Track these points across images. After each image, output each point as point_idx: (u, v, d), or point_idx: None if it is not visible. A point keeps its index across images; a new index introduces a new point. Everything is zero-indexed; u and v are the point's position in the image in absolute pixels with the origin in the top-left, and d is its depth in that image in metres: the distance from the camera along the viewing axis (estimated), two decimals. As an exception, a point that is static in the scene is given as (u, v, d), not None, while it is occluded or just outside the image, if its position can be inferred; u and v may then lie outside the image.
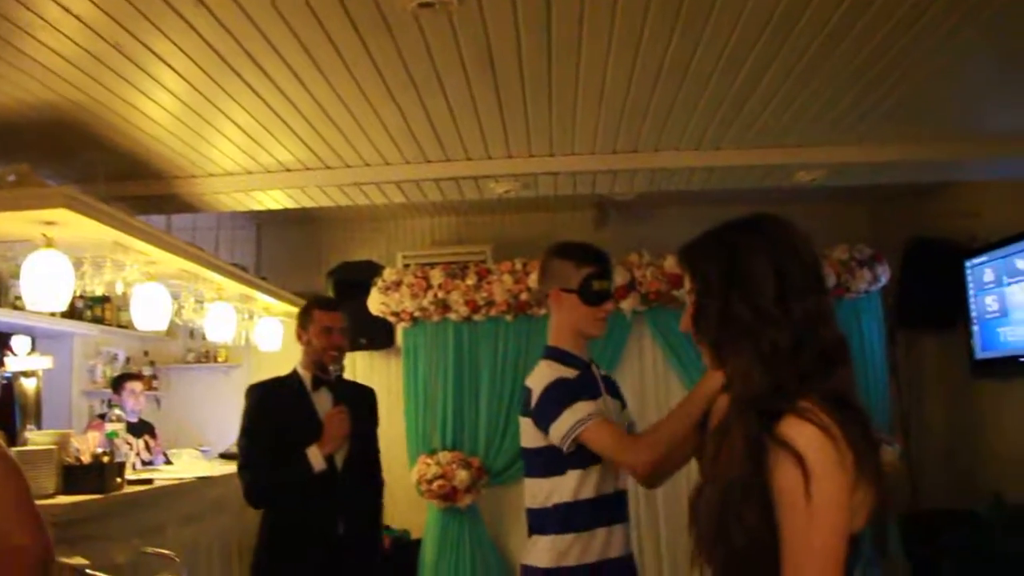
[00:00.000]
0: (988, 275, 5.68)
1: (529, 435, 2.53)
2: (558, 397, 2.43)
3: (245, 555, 4.50)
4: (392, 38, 2.92)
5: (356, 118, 3.66)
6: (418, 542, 5.65)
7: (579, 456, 2.43)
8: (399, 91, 3.40)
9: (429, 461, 5.41)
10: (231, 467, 4.78)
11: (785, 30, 2.98)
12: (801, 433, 1.36)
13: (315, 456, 3.31)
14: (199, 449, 5.63)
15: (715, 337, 1.55)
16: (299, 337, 3.55)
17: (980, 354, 5.82)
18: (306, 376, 3.50)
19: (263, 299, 5.59)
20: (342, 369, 3.52)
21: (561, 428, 2.39)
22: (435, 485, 5.33)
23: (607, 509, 2.51)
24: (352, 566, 3.41)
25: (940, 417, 6.39)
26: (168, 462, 5.30)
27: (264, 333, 5.89)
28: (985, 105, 3.89)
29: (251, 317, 5.73)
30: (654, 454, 2.25)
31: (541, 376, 2.51)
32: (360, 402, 3.61)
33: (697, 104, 3.65)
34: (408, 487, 5.53)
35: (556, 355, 2.57)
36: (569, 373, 2.51)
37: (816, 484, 1.32)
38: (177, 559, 3.29)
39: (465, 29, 2.88)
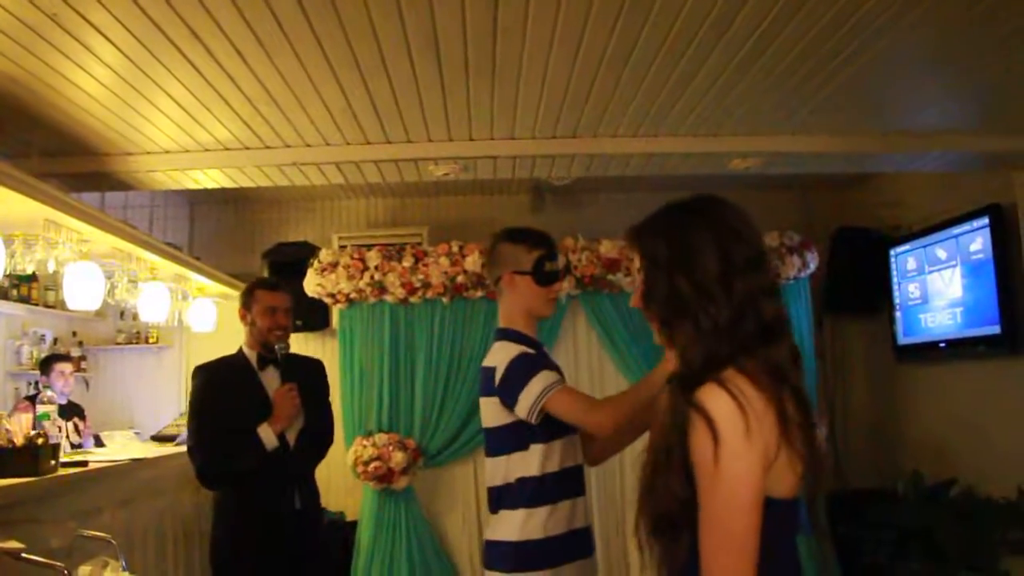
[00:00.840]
0: (911, 263, 5.89)
1: (491, 414, 2.61)
2: (524, 369, 2.50)
3: (180, 538, 4.47)
4: (337, 16, 2.90)
5: (297, 97, 3.63)
6: (354, 524, 5.65)
7: (543, 430, 2.51)
8: (342, 71, 3.38)
9: (365, 443, 5.41)
10: (165, 449, 4.74)
11: (722, 25, 3.06)
12: (714, 399, 1.43)
13: (267, 434, 3.37)
14: (132, 431, 5.55)
15: (663, 314, 1.62)
16: (243, 317, 3.61)
17: (902, 339, 6.04)
18: (252, 355, 3.57)
19: (197, 279, 5.52)
20: (287, 347, 3.59)
21: (529, 397, 2.45)
22: (371, 467, 5.33)
23: (571, 482, 2.60)
24: (310, 539, 3.51)
25: (864, 400, 6.62)
26: (99, 444, 5.21)
27: (198, 314, 5.81)
28: (909, 102, 4.02)
29: (184, 298, 5.65)
30: (616, 416, 2.37)
31: (503, 354, 2.57)
32: (310, 375, 3.69)
33: (637, 92, 3.71)
34: (344, 469, 5.52)
35: (511, 336, 2.64)
36: (529, 350, 2.58)
37: (723, 450, 1.39)
38: (113, 542, 3.25)
39: (412, 9, 2.88)
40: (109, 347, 6.63)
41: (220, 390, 3.49)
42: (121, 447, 4.77)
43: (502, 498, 2.60)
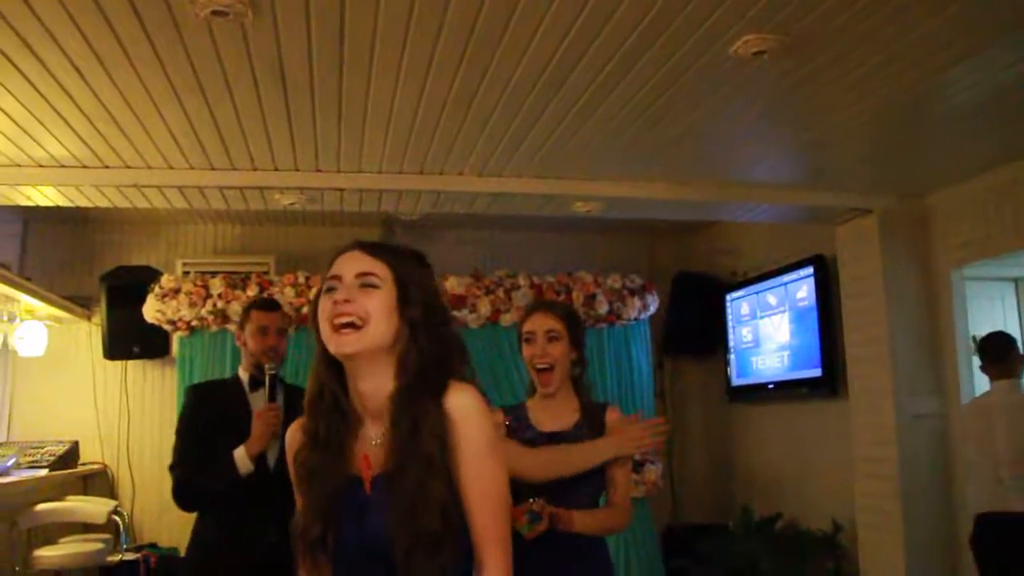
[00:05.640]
0: (745, 308, 6.19)
1: None
2: None
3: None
4: (182, 41, 2.87)
5: (139, 118, 3.54)
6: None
7: None
8: (186, 95, 3.33)
9: (201, 474, 5.25)
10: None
11: (562, 74, 3.18)
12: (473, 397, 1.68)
13: (241, 458, 3.25)
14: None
15: None
16: (238, 338, 3.59)
17: (735, 381, 6.32)
18: (245, 377, 3.52)
19: (27, 301, 5.28)
20: (277, 368, 3.50)
21: None
22: (206, 499, 5.18)
23: None
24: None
25: (700, 438, 6.88)
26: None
27: (26, 337, 5.54)
28: (742, 156, 4.26)
29: (11, 320, 5.39)
30: None
31: None
32: (298, 402, 3.59)
33: (481, 133, 3.80)
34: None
35: None
36: None
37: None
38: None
39: (257, 41, 2.88)
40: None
41: (207, 410, 3.43)
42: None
43: None
